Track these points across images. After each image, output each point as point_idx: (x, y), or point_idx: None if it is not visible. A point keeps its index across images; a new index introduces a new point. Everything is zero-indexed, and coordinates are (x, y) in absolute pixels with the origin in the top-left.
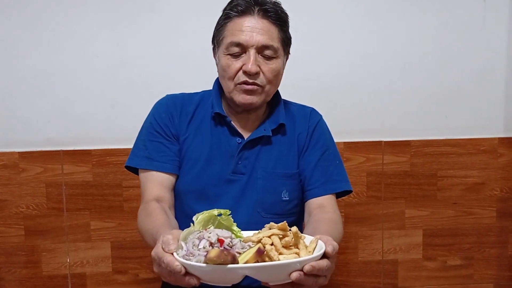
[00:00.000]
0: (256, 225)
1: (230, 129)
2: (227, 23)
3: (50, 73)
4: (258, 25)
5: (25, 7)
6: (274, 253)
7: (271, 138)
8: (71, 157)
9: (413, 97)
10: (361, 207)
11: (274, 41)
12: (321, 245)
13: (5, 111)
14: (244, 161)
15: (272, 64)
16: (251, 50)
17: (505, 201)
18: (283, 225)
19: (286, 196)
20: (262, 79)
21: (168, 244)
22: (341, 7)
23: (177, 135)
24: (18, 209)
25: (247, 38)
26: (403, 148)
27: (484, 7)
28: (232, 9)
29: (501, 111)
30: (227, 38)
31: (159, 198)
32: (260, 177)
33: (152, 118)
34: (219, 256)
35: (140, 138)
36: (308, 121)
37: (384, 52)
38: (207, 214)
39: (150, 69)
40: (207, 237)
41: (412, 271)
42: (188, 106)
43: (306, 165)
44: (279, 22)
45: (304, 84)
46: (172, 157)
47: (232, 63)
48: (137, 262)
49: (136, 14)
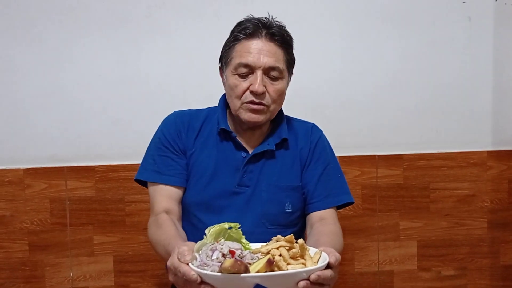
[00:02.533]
0: (261, 235)
1: (236, 144)
2: (235, 45)
3: (54, 91)
4: (265, 48)
5: (30, 28)
6: (283, 263)
7: (274, 153)
8: (74, 173)
9: (404, 112)
10: (356, 219)
11: (280, 63)
12: (325, 256)
13: (11, 129)
14: (249, 174)
15: (277, 85)
16: (258, 71)
17: (495, 212)
18: (290, 238)
19: (290, 208)
20: (268, 99)
21: (183, 255)
22: (333, 27)
23: (185, 150)
24: (22, 225)
25: (255, 60)
26: (396, 162)
27: (470, 26)
28: (240, 31)
29: (489, 125)
30: (235, 59)
31: (168, 210)
32: (264, 190)
33: (160, 133)
34: (233, 266)
35: (149, 153)
36: (310, 136)
37: (374, 69)
38: (218, 227)
39: (150, 87)
40: (220, 249)
41: (408, 282)
42: (195, 122)
43: (309, 179)
44: (285, 45)
45: (299, 101)
46: (179, 171)
47: (240, 83)
48: (139, 276)
49: (137, 34)
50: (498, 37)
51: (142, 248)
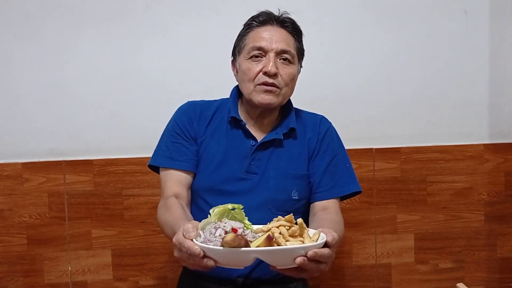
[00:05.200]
0: (267, 221)
1: (245, 132)
2: (248, 33)
3: (52, 85)
4: (277, 33)
5: (29, 23)
6: (282, 240)
7: (282, 142)
8: (73, 167)
9: (400, 105)
10: (354, 212)
11: (291, 48)
12: (323, 236)
13: (9, 123)
14: (257, 162)
15: (289, 68)
16: (270, 54)
17: (492, 205)
18: (290, 217)
19: (296, 195)
20: (280, 81)
21: (188, 231)
22: (329, 19)
23: (196, 137)
24: (21, 219)
25: (267, 44)
26: (393, 155)
27: (466, 19)
28: (253, 20)
29: (485, 118)
30: (249, 44)
31: (177, 194)
32: (272, 177)
33: (173, 122)
34: (234, 240)
35: (163, 140)
36: (318, 127)
37: (371, 62)
38: (222, 208)
39: (148, 82)
40: (223, 227)
41: (405, 275)
42: (207, 111)
43: (316, 169)
44: (296, 33)
45: (295, 94)
46: (190, 157)
47: (253, 66)
48: (137, 269)
49: (135, 28)
50: (494, 30)
51: (141, 241)
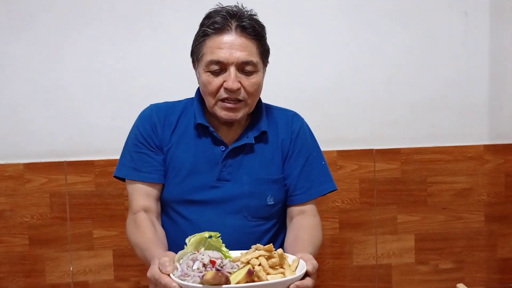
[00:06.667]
0: (242, 228)
1: (213, 138)
2: (205, 40)
3: (54, 86)
4: (237, 42)
5: (30, 25)
6: (262, 273)
7: (253, 146)
8: (74, 168)
9: (401, 106)
10: (354, 213)
11: (254, 56)
12: (303, 264)
13: (11, 124)
14: (229, 168)
15: (252, 79)
16: (231, 68)
17: (492, 206)
18: (269, 247)
19: (271, 200)
20: (243, 94)
21: (165, 265)
22: (331, 22)
23: (161, 146)
24: (22, 219)
25: (227, 56)
26: (393, 156)
27: (466, 21)
28: (209, 26)
29: (485, 119)
30: (206, 55)
31: (146, 208)
32: (245, 183)
33: (136, 129)
34: (214, 278)
35: (127, 149)
36: (290, 126)
37: (371, 64)
38: (198, 237)
39: (149, 83)
40: (200, 259)
41: (406, 275)
42: (171, 115)
43: (291, 171)
44: (257, 37)
45: (296, 95)
46: (157, 167)
47: (213, 80)
48: (138, 269)
49: (136, 30)
50: (494, 32)
51: None
